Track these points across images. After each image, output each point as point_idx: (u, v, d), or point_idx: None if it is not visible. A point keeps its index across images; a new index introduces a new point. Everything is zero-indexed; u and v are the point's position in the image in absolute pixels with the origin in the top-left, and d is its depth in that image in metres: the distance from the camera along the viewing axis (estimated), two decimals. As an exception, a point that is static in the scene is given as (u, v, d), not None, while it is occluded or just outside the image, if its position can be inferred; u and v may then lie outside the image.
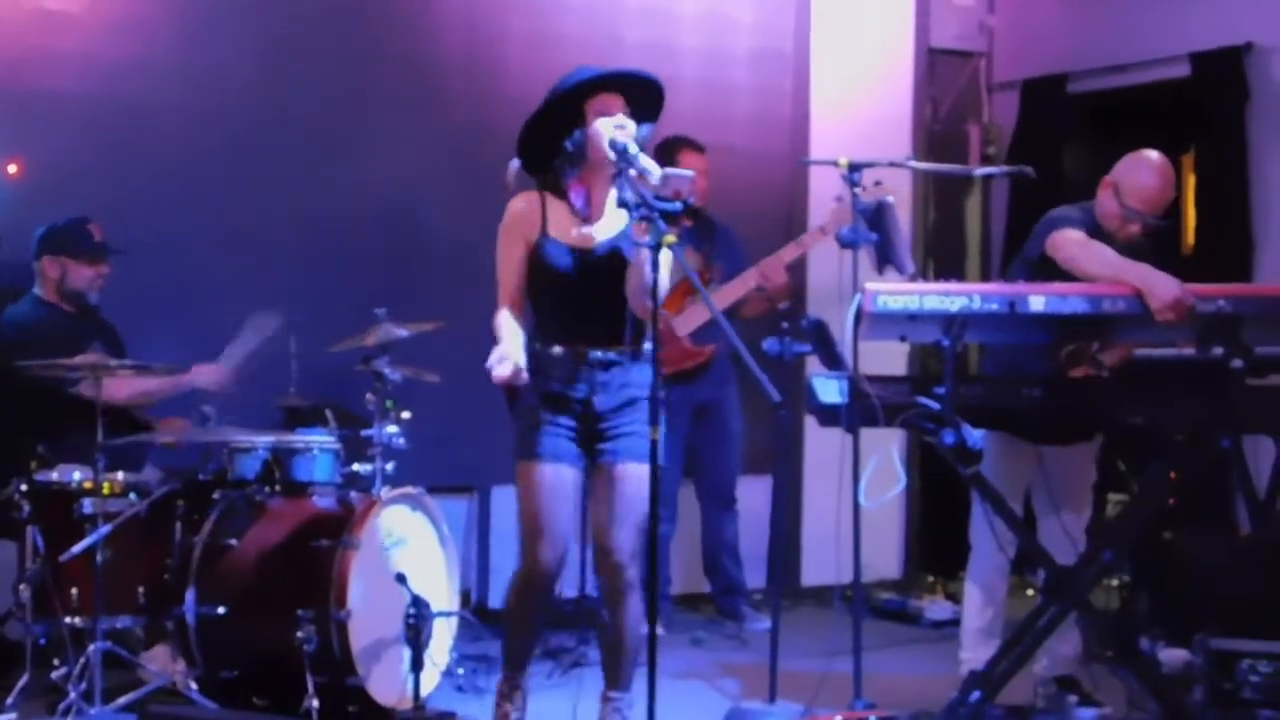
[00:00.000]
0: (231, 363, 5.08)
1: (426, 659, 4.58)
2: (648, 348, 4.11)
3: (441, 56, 6.18)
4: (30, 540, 4.56)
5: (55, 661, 4.53)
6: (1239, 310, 4.20)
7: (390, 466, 4.86)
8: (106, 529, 4.48)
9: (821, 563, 6.47)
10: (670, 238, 3.83)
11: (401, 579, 4.60)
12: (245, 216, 5.67)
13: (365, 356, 4.89)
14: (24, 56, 5.37)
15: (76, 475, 4.65)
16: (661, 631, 5.72)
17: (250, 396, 5.23)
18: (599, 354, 4.15)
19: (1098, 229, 4.66)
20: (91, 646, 4.41)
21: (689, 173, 5.36)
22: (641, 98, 4.21)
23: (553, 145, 4.17)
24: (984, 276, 7.62)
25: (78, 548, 4.48)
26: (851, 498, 4.77)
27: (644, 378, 4.03)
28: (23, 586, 4.55)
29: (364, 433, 4.89)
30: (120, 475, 4.70)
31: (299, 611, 4.52)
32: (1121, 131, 5.85)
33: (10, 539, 4.70)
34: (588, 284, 4.16)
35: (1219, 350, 4.20)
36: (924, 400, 4.26)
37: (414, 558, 4.80)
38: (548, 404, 4.17)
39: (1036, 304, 4.21)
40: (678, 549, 6.26)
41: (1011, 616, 4.88)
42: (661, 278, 3.93)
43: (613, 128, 4.09)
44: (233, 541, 4.75)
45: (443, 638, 4.84)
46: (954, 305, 4.19)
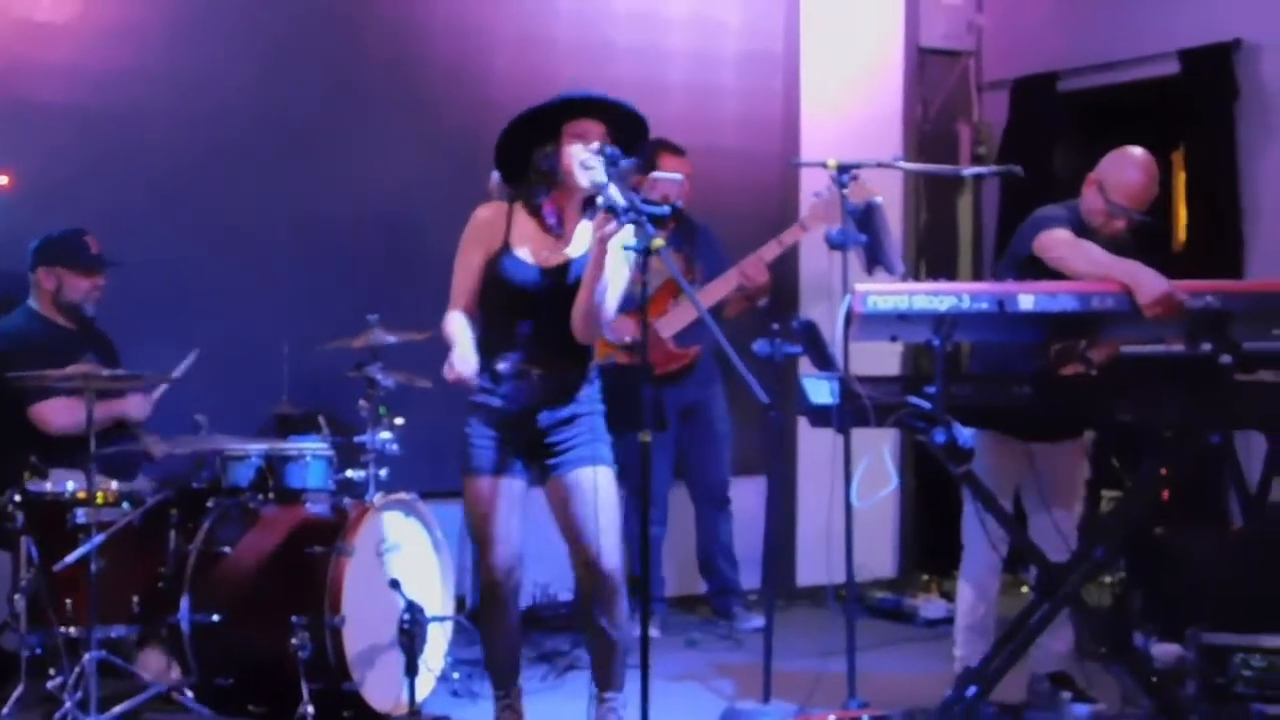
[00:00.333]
0: (157, 391, 5.08)
1: (421, 664, 4.59)
2: (593, 368, 4.20)
3: (433, 61, 6.19)
4: (24, 550, 4.57)
5: (50, 671, 4.53)
6: (1227, 306, 4.20)
7: (383, 472, 4.89)
8: (100, 538, 4.49)
9: (816, 563, 6.46)
10: (659, 241, 3.83)
11: (395, 585, 4.61)
12: (238, 224, 5.68)
13: (358, 363, 4.90)
14: (13, 67, 5.38)
15: (70, 485, 4.66)
16: (656, 633, 5.76)
17: (243, 404, 5.24)
18: (544, 371, 4.15)
19: (1083, 226, 4.67)
20: (86, 656, 4.41)
21: (677, 176, 5.39)
22: (624, 129, 4.15)
23: (527, 159, 4.17)
24: (976, 276, 7.62)
25: (72, 557, 4.50)
26: (844, 498, 4.78)
27: (588, 396, 4.18)
28: (17, 597, 4.55)
29: (357, 439, 4.90)
30: (114, 484, 4.72)
31: (293, 618, 4.53)
32: (1112, 129, 5.84)
33: (4, 549, 4.70)
34: (541, 301, 4.15)
35: (1207, 346, 4.20)
36: (914, 400, 4.27)
37: (408, 563, 4.81)
38: (490, 418, 4.18)
39: (1026, 303, 4.21)
40: (671, 550, 6.26)
41: (1005, 614, 4.89)
42: (620, 283, 4.00)
43: (587, 155, 4.04)
44: (227, 549, 4.77)
45: (437, 643, 4.85)
46: (943, 305, 4.19)
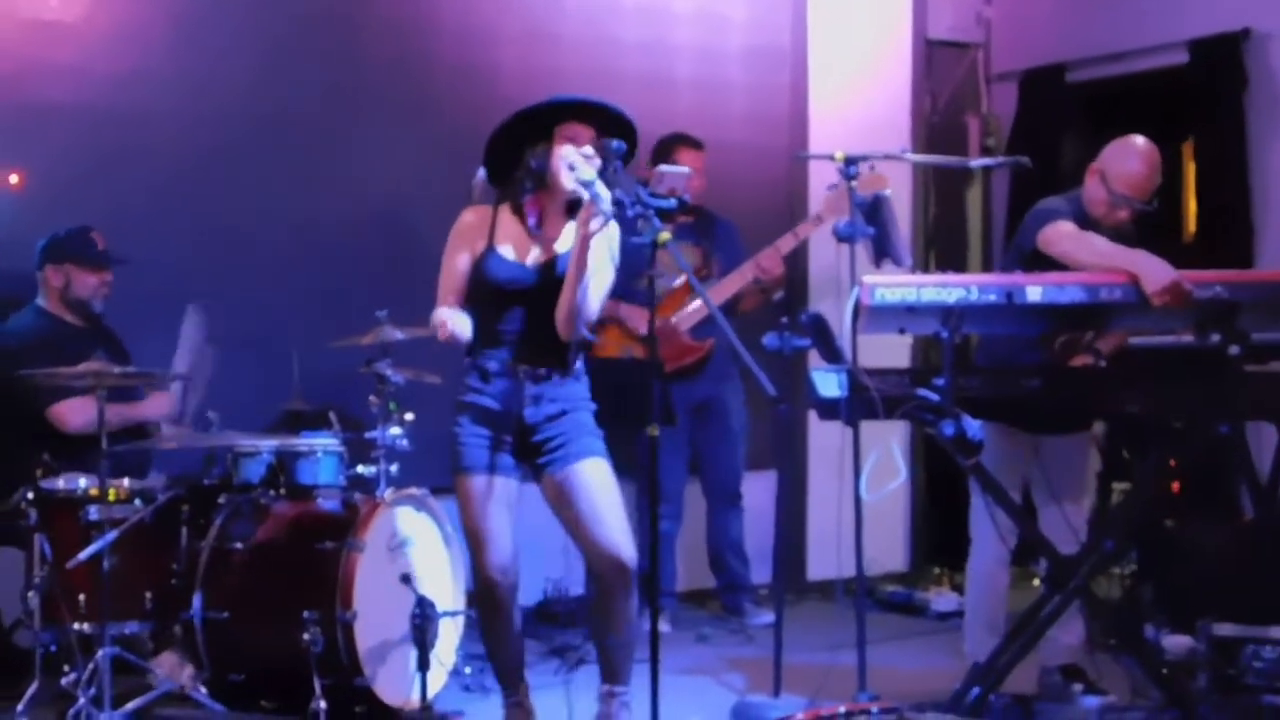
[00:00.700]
0: (184, 366, 5.08)
1: (433, 659, 4.59)
2: (580, 366, 4.22)
3: (439, 59, 6.19)
4: (37, 548, 4.58)
5: (64, 668, 4.54)
6: (1236, 296, 4.18)
7: (394, 468, 4.90)
8: (113, 535, 4.50)
9: (826, 557, 6.48)
10: (665, 235, 3.84)
11: (407, 580, 4.62)
12: (244, 223, 5.69)
13: (367, 359, 4.91)
14: (21, 68, 5.40)
15: (82, 482, 4.68)
16: (667, 628, 5.77)
17: (253, 401, 5.25)
18: (531, 370, 4.16)
19: (1085, 217, 4.66)
20: (100, 652, 4.43)
21: (684, 169, 5.38)
22: (616, 133, 4.12)
23: (517, 158, 4.18)
24: (986, 268, 7.61)
25: (84, 554, 4.51)
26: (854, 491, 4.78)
27: (575, 394, 4.20)
28: (31, 594, 4.57)
29: (367, 435, 4.91)
30: (125, 482, 4.73)
31: (305, 614, 4.54)
32: (1120, 120, 5.83)
33: (17, 547, 4.72)
34: (526, 299, 4.16)
35: (1216, 337, 4.19)
36: (923, 392, 4.27)
37: (419, 558, 4.82)
38: (479, 417, 4.19)
39: (1034, 294, 4.20)
40: (681, 545, 6.26)
41: (1015, 607, 4.89)
42: (603, 281, 4.04)
43: (575, 157, 4.06)
44: (238, 545, 4.78)
45: (449, 638, 4.86)
46: (951, 297, 4.18)
